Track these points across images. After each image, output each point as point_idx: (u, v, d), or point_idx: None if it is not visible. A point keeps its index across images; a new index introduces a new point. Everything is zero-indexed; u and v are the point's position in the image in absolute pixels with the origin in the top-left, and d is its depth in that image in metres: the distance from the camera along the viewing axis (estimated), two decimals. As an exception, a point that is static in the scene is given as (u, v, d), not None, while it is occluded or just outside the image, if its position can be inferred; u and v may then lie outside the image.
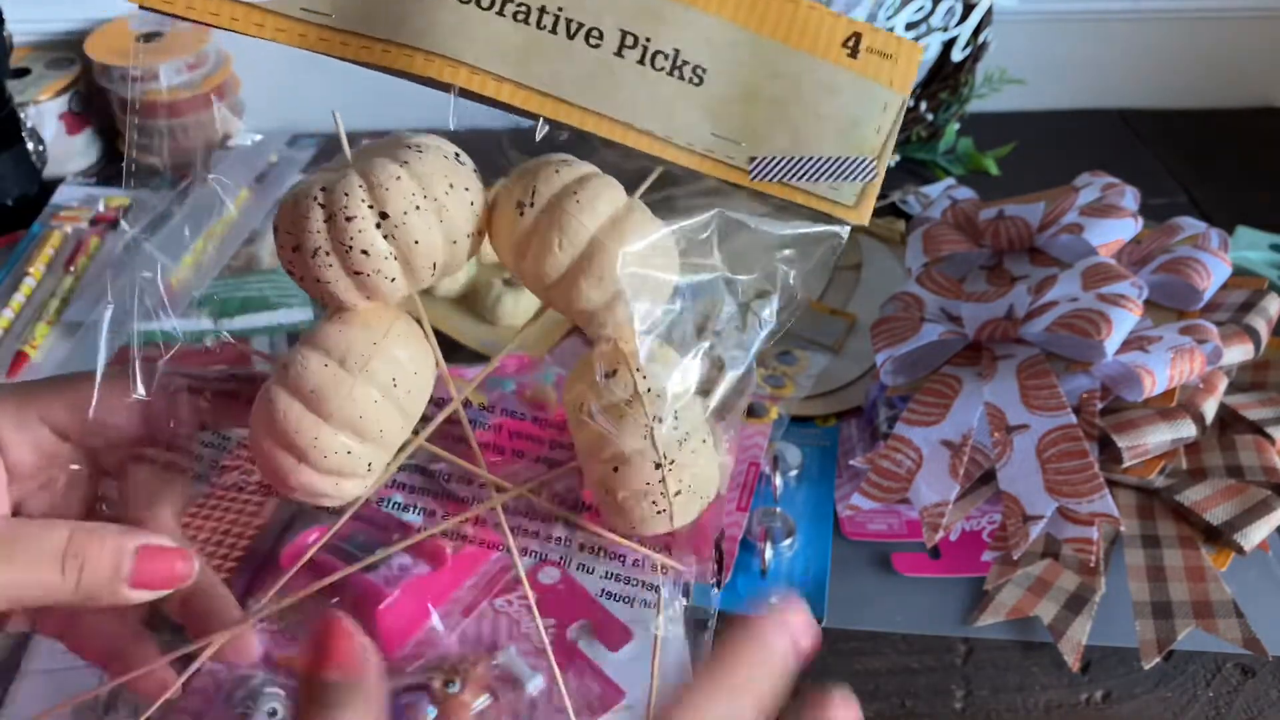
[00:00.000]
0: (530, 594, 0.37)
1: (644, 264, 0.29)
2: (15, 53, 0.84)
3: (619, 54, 0.30)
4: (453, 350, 0.70)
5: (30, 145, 0.84)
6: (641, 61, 0.30)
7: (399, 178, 0.28)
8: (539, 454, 0.64)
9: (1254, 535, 0.54)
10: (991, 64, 0.90)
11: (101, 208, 0.81)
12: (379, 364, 0.29)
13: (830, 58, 0.30)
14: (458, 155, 0.30)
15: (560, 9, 0.29)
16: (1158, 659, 0.51)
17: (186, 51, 0.84)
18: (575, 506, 0.35)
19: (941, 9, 0.86)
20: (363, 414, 0.29)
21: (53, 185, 0.84)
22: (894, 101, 0.30)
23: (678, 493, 0.31)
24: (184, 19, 0.31)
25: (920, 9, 0.85)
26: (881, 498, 0.58)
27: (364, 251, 0.28)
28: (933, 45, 0.87)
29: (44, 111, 0.86)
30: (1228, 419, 0.60)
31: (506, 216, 0.30)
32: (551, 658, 0.35)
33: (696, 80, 0.30)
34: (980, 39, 0.88)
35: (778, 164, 0.30)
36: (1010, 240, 0.69)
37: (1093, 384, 0.58)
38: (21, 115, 0.83)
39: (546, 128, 0.30)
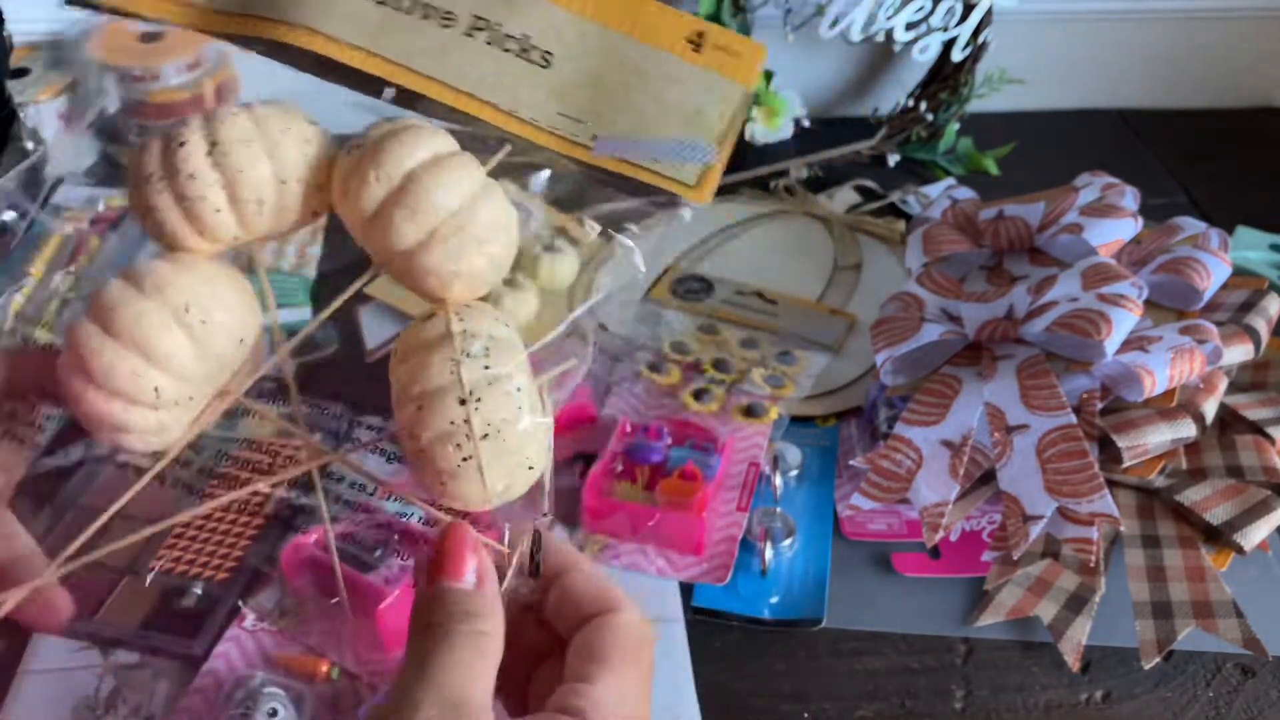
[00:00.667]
0: (334, 551, 0.35)
1: (474, 210, 0.30)
2: (15, 53, 0.84)
3: (469, 35, 0.32)
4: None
5: (30, 145, 0.84)
6: (490, 42, 0.32)
7: (235, 114, 0.30)
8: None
9: (1254, 535, 0.54)
10: (991, 64, 0.90)
11: (101, 208, 0.81)
12: (174, 291, 0.29)
13: (675, 51, 0.32)
14: (311, 120, 0.31)
15: None
16: (1158, 659, 0.51)
17: (186, 51, 0.84)
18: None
19: (941, 9, 0.86)
20: (148, 334, 0.29)
21: (53, 185, 0.84)
22: (735, 92, 0.32)
23: (484, 435, 0.28)
24: (102, 9, 0.33)
25: (920, 9, 0.85)
26: (881, 498, 0.58)
27: (190, 175, 0.29)
28: (933, 45, 0.87)
29: (44, 111, 0.86)
30: (1228, 419, 0.60)
31: (338, 162, 0.31)
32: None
33: (544, 64, 0.32)
34: (980, 39, 0.88)
35: (619, 142, 0.32)
36: (1010, 240, 0.69)
37: (1093, 384, 0.58)
38: (21, 115, 0.83)
39: (393, 92, 0.32)
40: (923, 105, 0.90)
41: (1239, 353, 0.59)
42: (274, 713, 0.48)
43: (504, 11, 0.32)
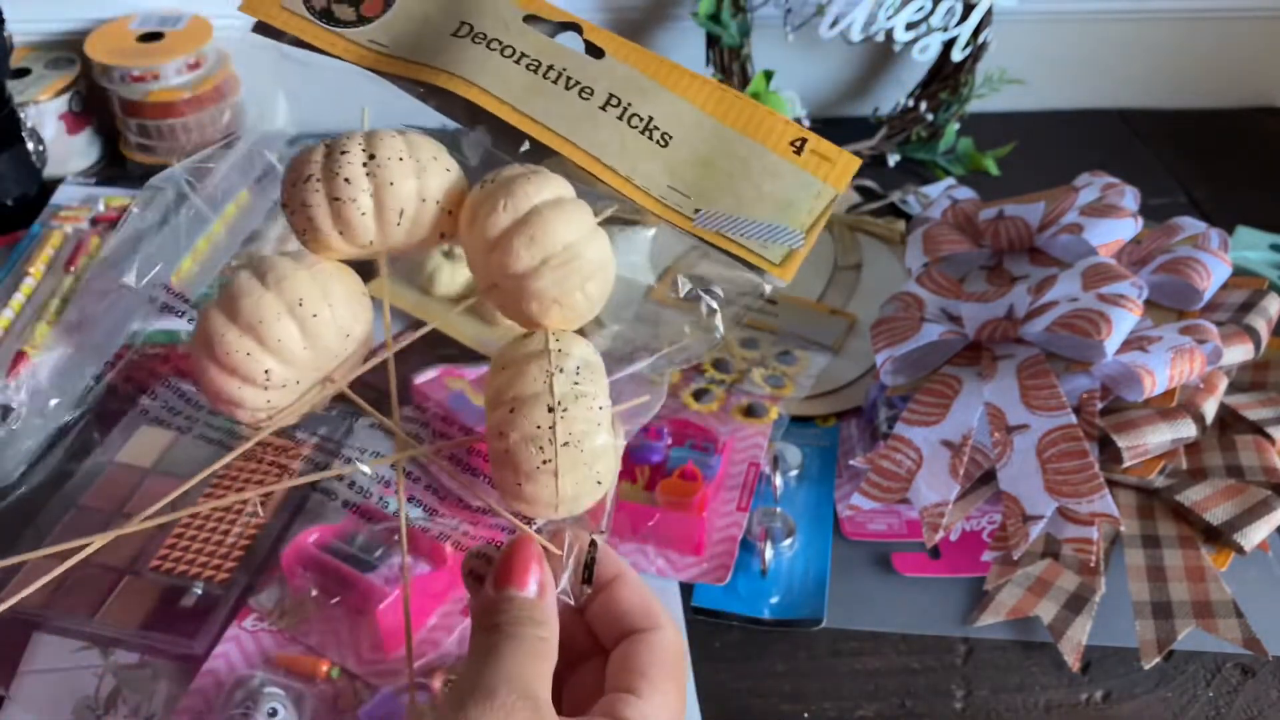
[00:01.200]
0: (404, 539, 0.38)
1: (583, 248, 0.33)
2: (15, 53, 0.84)
3: (603, 109, 0.36)
4: (453, 350, 0.70)
5: (30, 145, 0.84)
6: (620, 118, 0.36)
7: (394, 136, 0.34)
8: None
9: (1254, 535, 0.54)
10: (991, 64, 0.90)
11: (101, 208, 0.81)
12: (290, 284, 0.33)
13: (777, 151, 0.37)
14: (450, 157, 0.36)
15: (565, 69, 0.37)
16: (1158, 659, 0.51)
17: (186, 52, 0.84)
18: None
19: (941, 9, 0.86)
20: (262, 319, 0.32)
21: (53, 185, 0.84)
22: (826, 192, 0.37)
23: (565, 443, 0.32)
24: (283, 34, 0.38)
25: (920, 9, 0.85)
26: (881, 498, 0.58)
27: (346, 180, 0.33)
28: (933, 45, 0.87)
29: (44, 111, 0.86)
30: (1228, 419, 0.60)
31: (471, 193, 0.35)
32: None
33: (663, 143, 0.36)
34: (980, 39, 0.88)
35: (719, 218, 0.36)
36: (1010, 240, 0.69)
37: (1093, 384, 0.58)
38: (21, 115, 0.83)
39: (528, 146, 0.36)
40: (923, 105, 0.90)
41: (1239, 353, 0.59)
42: (274, 713, 0.48)
43: (635, 94, 0.37)
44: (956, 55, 0.88)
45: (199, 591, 0.55)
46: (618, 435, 0.34)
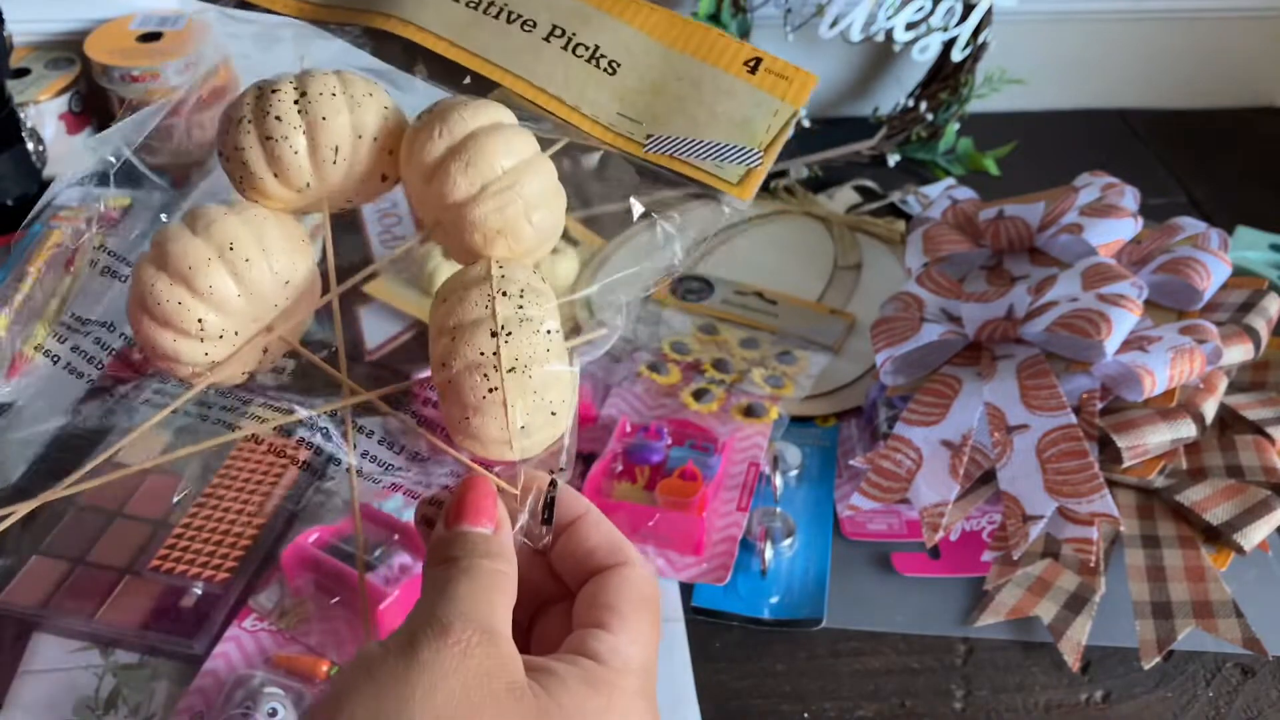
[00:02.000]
0: (355, 490, 0.35)
1: (524, 174, 0.32)
2: (15, 53, 0.84)
3: (546, 40, 0.36)
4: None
5: (30, 145, 0.84)
6: (565, 48, 0.36)
7: (326, 74, 0.34)
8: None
9: (1254, 535, 0.54)
10: (991, 64, 0.90)
11: (101, 208, 0.81)
12: (220, 229, 0.32)
13: (731, 71, 0.36)
14: (387, 91, 0.35)
15: (505, 3, 0.36)
16: (1158, 659, 0.51)
17: (186, 52, 0.84)
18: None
19: (941, 9, 0.86)
20: (192, 265, 0.31)
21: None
22: (784, 110, 0.35)
23: (511, 369, 0.30)
24: (221, 2, 0.38)
25: (920, 9, 0.85)
26: (881, 498, 0.58)
27: (277, 117, 0.32)
28: (933, 45, 0.87)
29: (44, 111, 0.86)
30: (1228, 419, 0.60)
31: (408, 128, 0.34)
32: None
33: (610, 71, 0.35)
34: (980, 39, 0.88)
35: (671, 141, 0.35)
36: (1010, 240, 0.69)
37: (1093, 384, 0.58)
38: (21, 115, 0.83)
39: (469, 80, 0.35)
40: (923, 105, 0.90)
41: (1239, 353, 0.59)
42: (274, 713, 0.48)
43: (579, 24, 0.36)
44: (956, 55, 0.88)
45: (199, 591, 0.55)
46: (573, 363, 0.32)
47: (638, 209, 0.35)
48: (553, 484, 0.34)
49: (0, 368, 0.70)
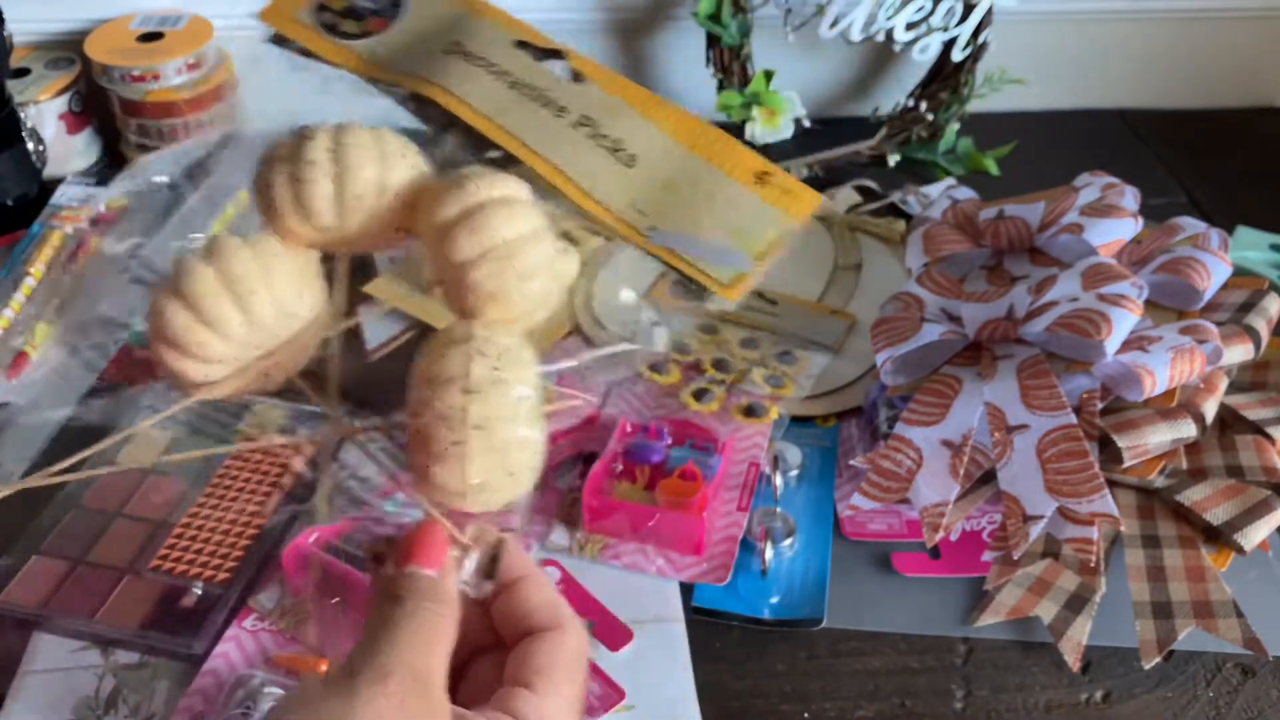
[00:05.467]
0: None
1: (520, 246, 0.34)
2: (15, 53, 0.84)
3: (573, 127, 0.39)
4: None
5: (30, 145, 0.84)
6: (589, 138, 0.39)
7: (360, 127, 0.35)
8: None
9: (1254, 535, 0.54)
10: (991, 64, 0.90)
11: (102, 208, 0.81)
12: (230, 261, 0.34)
13: (741, 180, 0.39)
14: (420, 153, 0.36)
15: (544, 89, 0.39)
16: (1158, 659, 0.51)
17: (186, 52, 0.84)
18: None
19: (941, 9, 0.86)
20: (201, 294, 0.33)
21: (53, 185, 0.84)
22: (784, 223, 0.39)
23: (477, 426, 0.32)
24: (291, 44, 0.42)
25: (920, 9, 0.85)
26: (881, 498, 0.58)
27: (310, 161, 0.34)
28: (933, 45, 0.87)
29: (44, 111, 0.86)
30: (1228, 419, 0.60)
31: (428, 185, 0.35)
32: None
33: (628, 164, 0.38)
34: (980, 39, 0.88)
35: (673, 236, 0.38)
36: (1010, 240, 0.69)
37: (1093, 384, 0.58)
38: (21, 115, 0.83)
39: (499, 154, 0.38)
40: (923, 105, 0.90)
41: (1239, 353, 0.59)
42: (274, 713, 0.48)
43: (608, 118, 0.39)
44: (956, 55, 0.88)
45: (199, 591, 0.55)
46: (541, 431, 0.34)
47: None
48: (501, 542, 0.35)
49: (0, 367, 0.70)
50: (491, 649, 0.36)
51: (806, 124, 0.94)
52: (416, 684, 0.30)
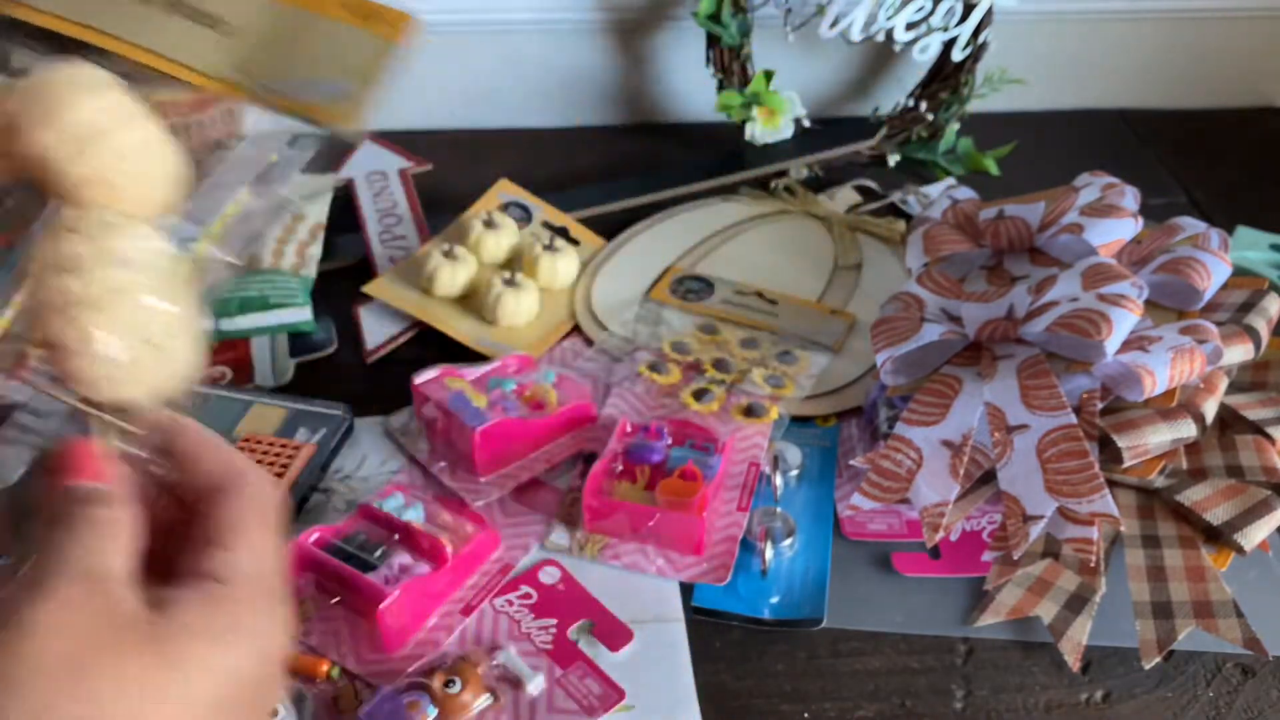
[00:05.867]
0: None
1: (111, 129, 0.33)
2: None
3: (166, 12, 0.40)
4: (454, 350, 0.70)
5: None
6: (183, 17, 0.40)
7: None
8: (531, 450, 0.64)
9: (1254, 535, 0.54)
10: (991, 64, 0.90)
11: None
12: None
13: (332, 16, 0.40)
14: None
15: None
16: (1158, 659, 0.51)
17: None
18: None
19: (941, 9, 0.86)
20: None
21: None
22: (382, 46, 0.40)
23: (82, 303, 0.31)
24: None
25: (920, 9, 0.86)
26: (881, 498, 0.58)
27: None
28: (933, 45, 0.87)
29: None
30: (1228, 419, 0.60)
31: None
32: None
33: (228, 34, 0.39)
34: (980, 39, 0.88)
35: (280, 85, 0.39)
36: (1010, 240, 0.69)
37: (1093, 384, 0.58)
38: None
39: (85, 54, 0.38)
40: (923, 105, 0.91)
41: (1239, 353, 0.59)
42: (274, 713, 0.48)
43: None
44: (956, 55, 0.88)
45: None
46: (179, 302, 0.33)
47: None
48: (170, 419, 0.35)
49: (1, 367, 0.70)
50: (190, 523, 0.35)
51: (806, 124, 0.94)
52: (82, 582, 0.29)
